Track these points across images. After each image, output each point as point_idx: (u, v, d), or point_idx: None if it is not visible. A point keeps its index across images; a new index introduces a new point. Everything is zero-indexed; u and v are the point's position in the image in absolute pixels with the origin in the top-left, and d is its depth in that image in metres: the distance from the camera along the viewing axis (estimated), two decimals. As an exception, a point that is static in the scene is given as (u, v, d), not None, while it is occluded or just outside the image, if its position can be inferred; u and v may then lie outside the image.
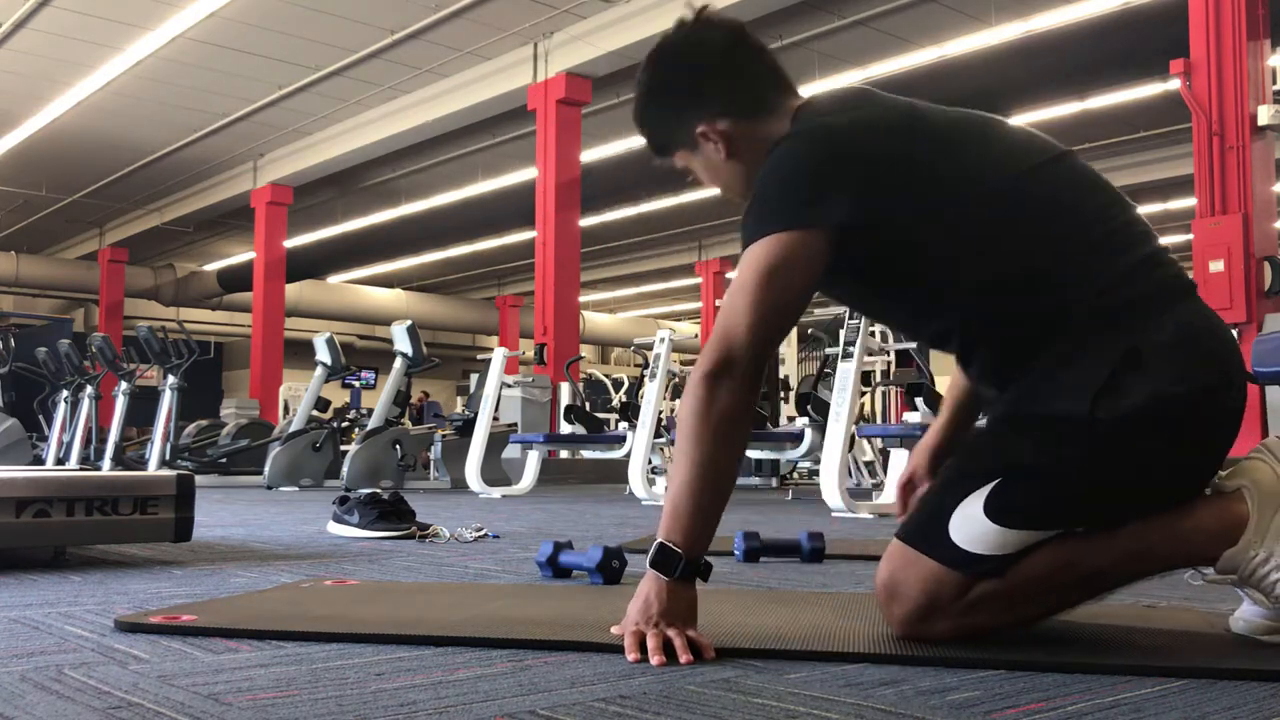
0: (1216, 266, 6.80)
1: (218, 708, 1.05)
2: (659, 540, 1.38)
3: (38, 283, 20.35)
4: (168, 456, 8.22)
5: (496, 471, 7.71)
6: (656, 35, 1.61)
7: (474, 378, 12.13)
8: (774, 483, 8.43)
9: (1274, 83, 7.60)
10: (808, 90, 1.58)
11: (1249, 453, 1.42)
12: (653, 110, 1.62)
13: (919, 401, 5.31)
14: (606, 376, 13.09)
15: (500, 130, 13.60)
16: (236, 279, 19.39)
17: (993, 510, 1.35)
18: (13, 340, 10.49)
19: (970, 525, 1.36)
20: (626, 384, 11.55)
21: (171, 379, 8.28)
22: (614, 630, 1.42)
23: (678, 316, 28.21)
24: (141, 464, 8.80)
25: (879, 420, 10.21)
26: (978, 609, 1.36)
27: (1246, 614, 1.45)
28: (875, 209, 1.43)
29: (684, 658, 1.29)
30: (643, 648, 1.31)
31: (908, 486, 1.72)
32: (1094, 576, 1.39)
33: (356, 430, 8.65)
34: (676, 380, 10.45)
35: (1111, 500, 1.38)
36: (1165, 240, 1.51)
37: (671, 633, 1.33)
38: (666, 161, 1.64)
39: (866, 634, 1.47)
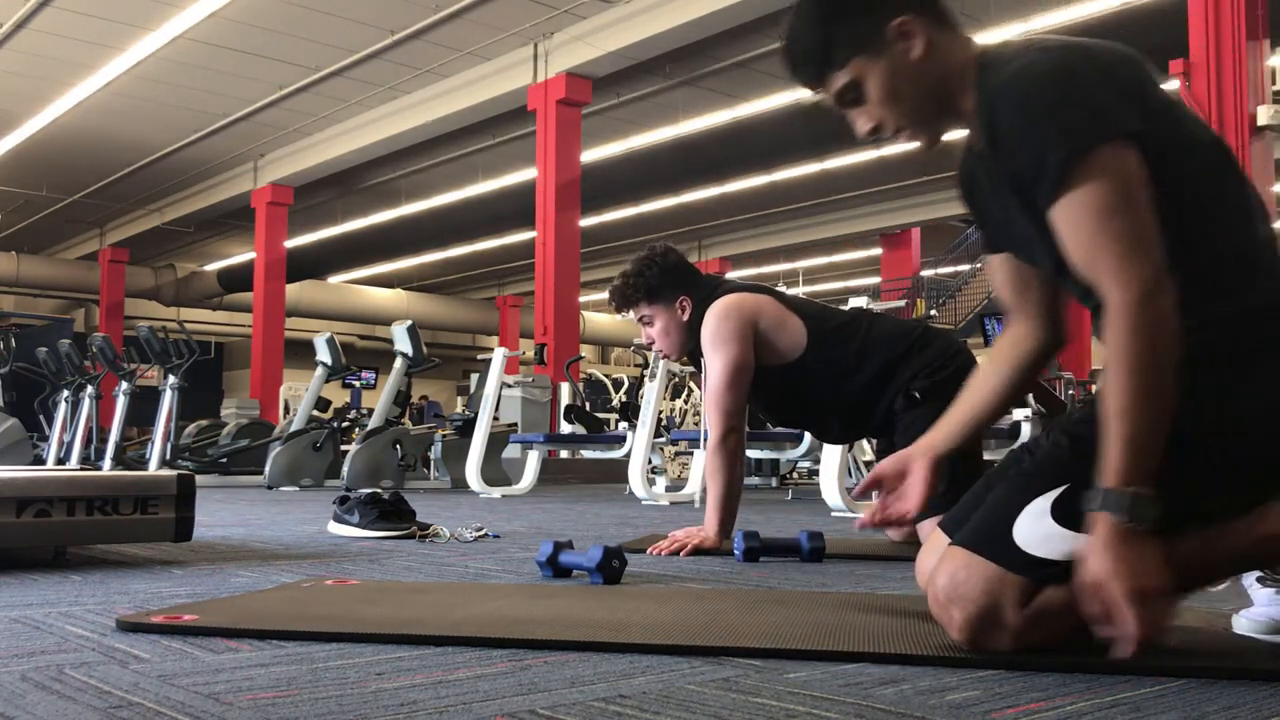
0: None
1: (218, 707, 1.05)
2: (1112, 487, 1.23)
3: (38, 283, 20.37)
4: (168, 456, 8.21)
5: (496, 471, 7.71)
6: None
7: (474, 378, 12.12)
8: (774, 482, 8.42)
9: (1273, 83, 7.61)
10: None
11: None
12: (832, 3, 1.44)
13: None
14: (606, 376, 13.07)
15: (500, 130, 13.61)
16: (237, 279, 19.40)
17: (1062, 514, 1.28)
18: (13, 340, 10.47)
19: (1036, 529, 1.29)
20: (626, 384, 11.55)
21: (172, 379, 8.27)
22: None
23: (678, 316, 28.16)
24: (142, 464, 8.79)
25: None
26: (1042, 621, 1.29)
27: (1249, 613, 1.45)
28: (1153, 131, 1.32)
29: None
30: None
31: (876, 484, 1.57)
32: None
33: (357, 430, 8.64)
34: (676, 380, 10.44)
35: (1198, 508, 1.29)
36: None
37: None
38: (828, 81, 1.45)
39: (866, 634, 1.47)
